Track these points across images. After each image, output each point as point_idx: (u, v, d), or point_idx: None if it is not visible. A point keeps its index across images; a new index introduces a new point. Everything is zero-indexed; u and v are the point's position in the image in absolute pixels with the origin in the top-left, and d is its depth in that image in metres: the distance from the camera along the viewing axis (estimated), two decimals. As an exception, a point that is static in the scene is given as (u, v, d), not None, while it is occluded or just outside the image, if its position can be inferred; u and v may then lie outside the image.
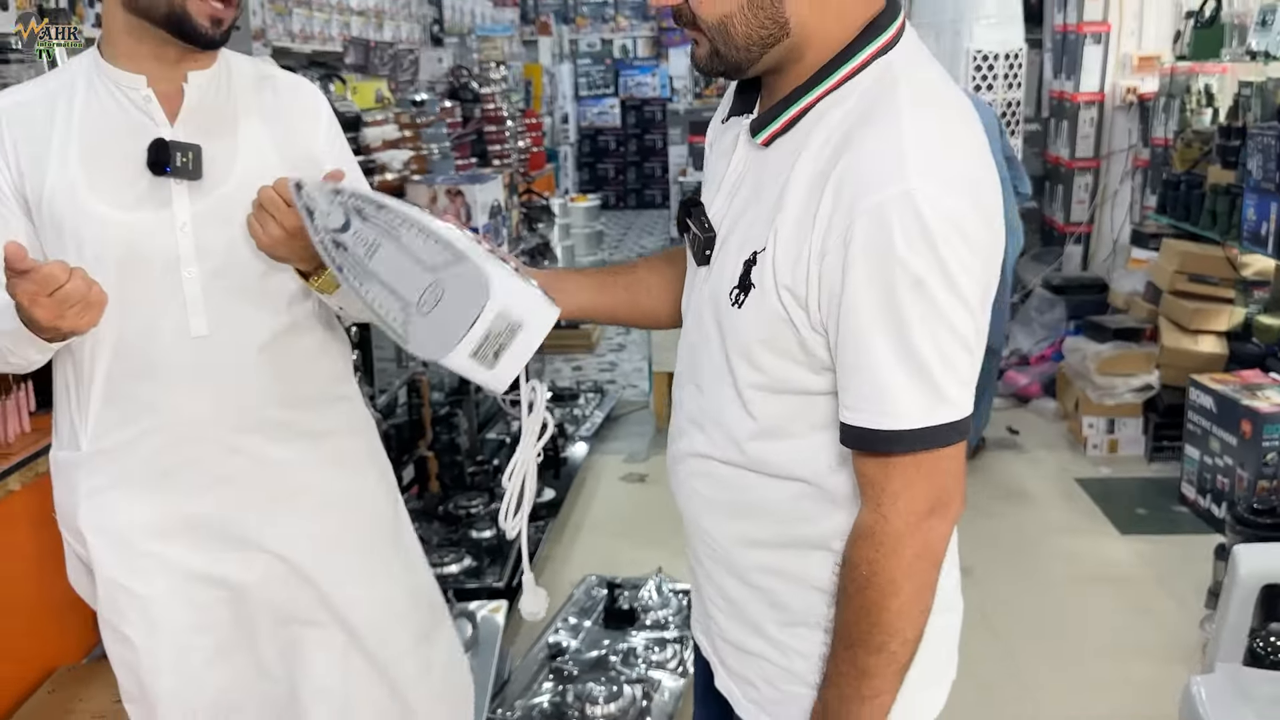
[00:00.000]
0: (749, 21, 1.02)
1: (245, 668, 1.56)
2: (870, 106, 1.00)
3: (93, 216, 1.38)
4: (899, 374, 0.97)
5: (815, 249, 0.99)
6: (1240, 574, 1.87)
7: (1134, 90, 5.25)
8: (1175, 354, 4.00)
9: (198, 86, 1.42)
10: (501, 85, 6.27)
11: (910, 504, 1.01)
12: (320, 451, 1.55)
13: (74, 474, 1.49)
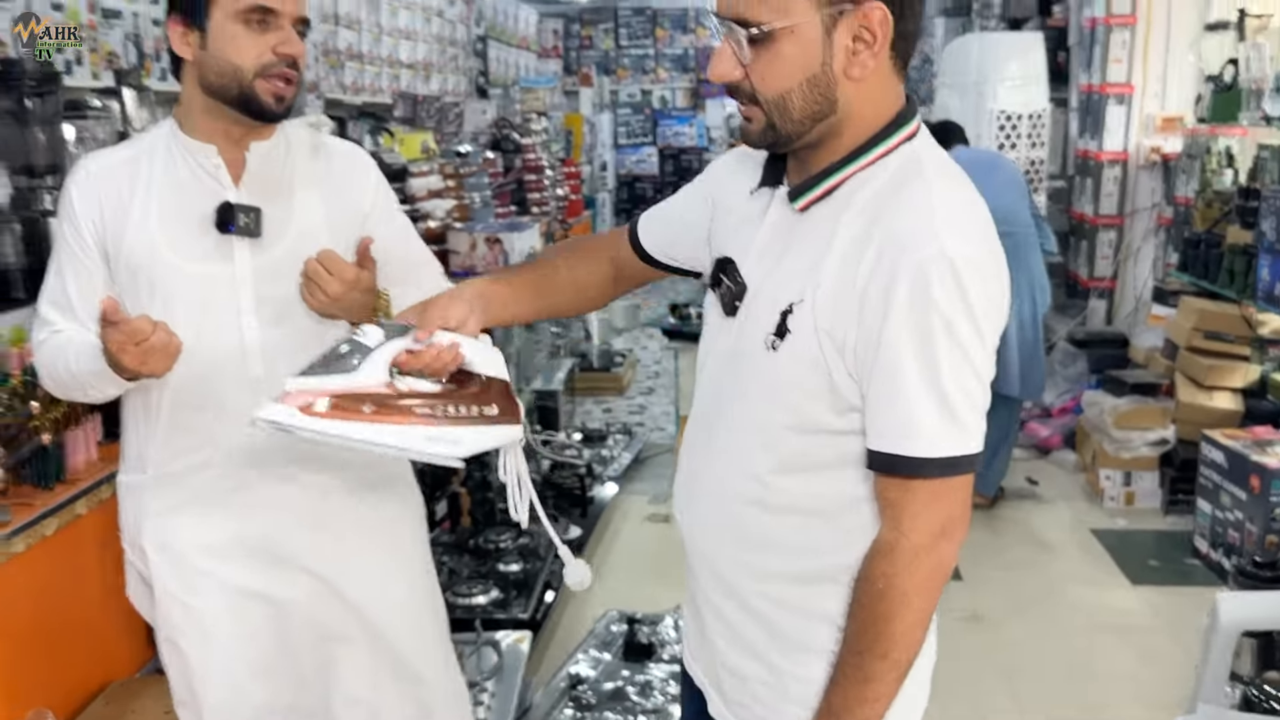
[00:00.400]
0: (806, 97, 1.13)
1: (286, 679, 1.72)
2: (902, 182, 1.15)
3: (166, 266, 1.57)
4: (929, 407, 1.11)
5: (857, 298, 1.12)
6: (1221, 620, 1.97)
7: (1158, 150, 5.36)
8: (1191, 409, 4.08)
9: (259, 155, 1.62)
10: (542, 136, 6.51)
11: (928, 525, 1.13)
12: (358, 478, 1.71)
13: (140, 496, 1.67)
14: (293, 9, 1.55)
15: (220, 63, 1.53)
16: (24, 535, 2.04)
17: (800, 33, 1.11)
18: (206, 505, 1.65)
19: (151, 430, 1.65)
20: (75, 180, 1.62)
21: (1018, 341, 4.01)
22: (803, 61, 1.12)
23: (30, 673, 2.07)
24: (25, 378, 2.20)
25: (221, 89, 1.55)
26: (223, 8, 1.52)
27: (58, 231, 1.66)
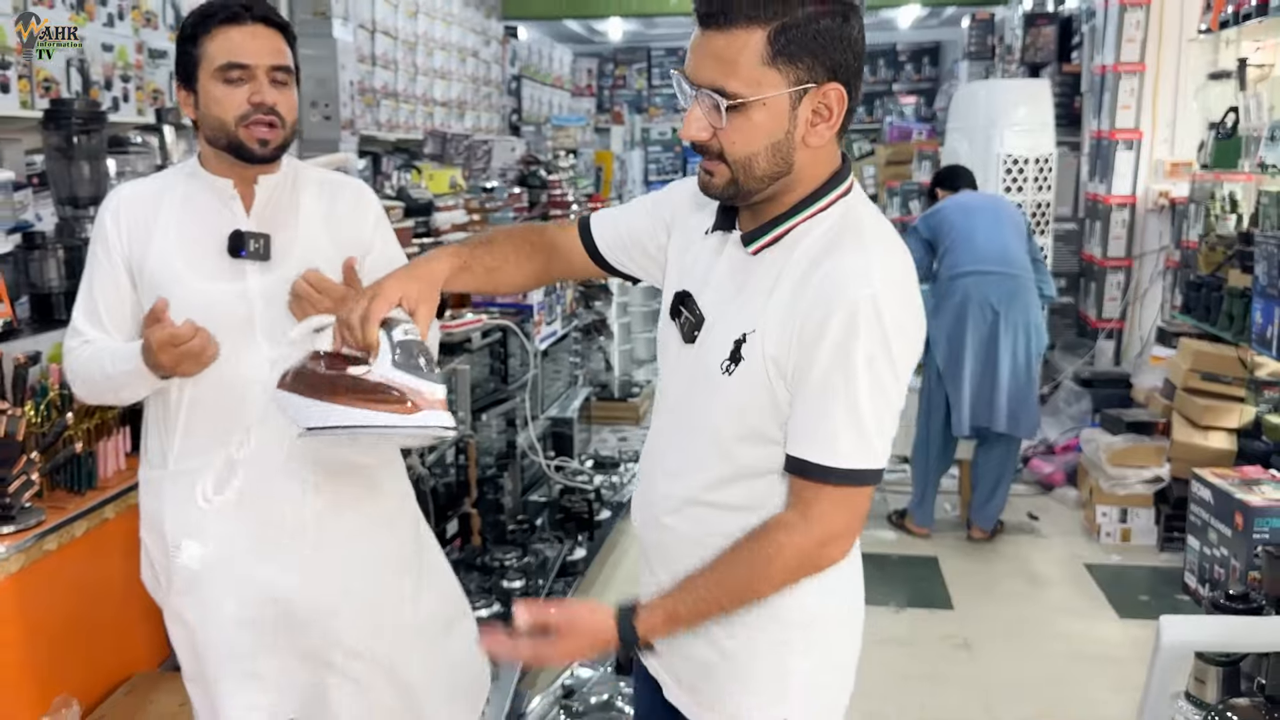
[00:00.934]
0: (769, 160, 1.29)
1: (283, 662, 1.89)
2: (841, 232, 1.33)
3: (184, 284, 1.77)
4: (846, 425, 1.28)
5: (797, 329, 1.28)
6: (1164, 642, 2.08)
7: (1166, 194, 5.47)
8: (1185, 448, 4.17)
9: (266, 188, 1.83)
10: (569, 173, 6.72)
11: (827, 527, 1.31)
12: (358, 482, 1.90)
13: (160, 488, 1.88)
14: (266, 60, 1.74)
15: (209, 118, 1.76)
16: (56, 535, 2.23)
17: (771, 105, 1.26)
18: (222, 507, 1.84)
19: (170, 430, 1.85)
20: (108, 206, 1.84)
21: (1009, 381, 4.13)
22: (770, 129, 1.27)
23: (58, 663, 2.25)
24: (62, 391, 2.40)
25: (215, 139, 1.77)
26: (205, 71, 1.74)
27: (91, 251, 1.88)
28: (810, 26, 1.24)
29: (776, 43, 1.23)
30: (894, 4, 9.38)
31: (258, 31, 1.74)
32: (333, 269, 1.78)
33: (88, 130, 2.94)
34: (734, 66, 1.24)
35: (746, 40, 1.23)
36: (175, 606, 1.90)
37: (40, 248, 2.82)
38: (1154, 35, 5.43)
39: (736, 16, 1.23)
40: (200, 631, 1.87)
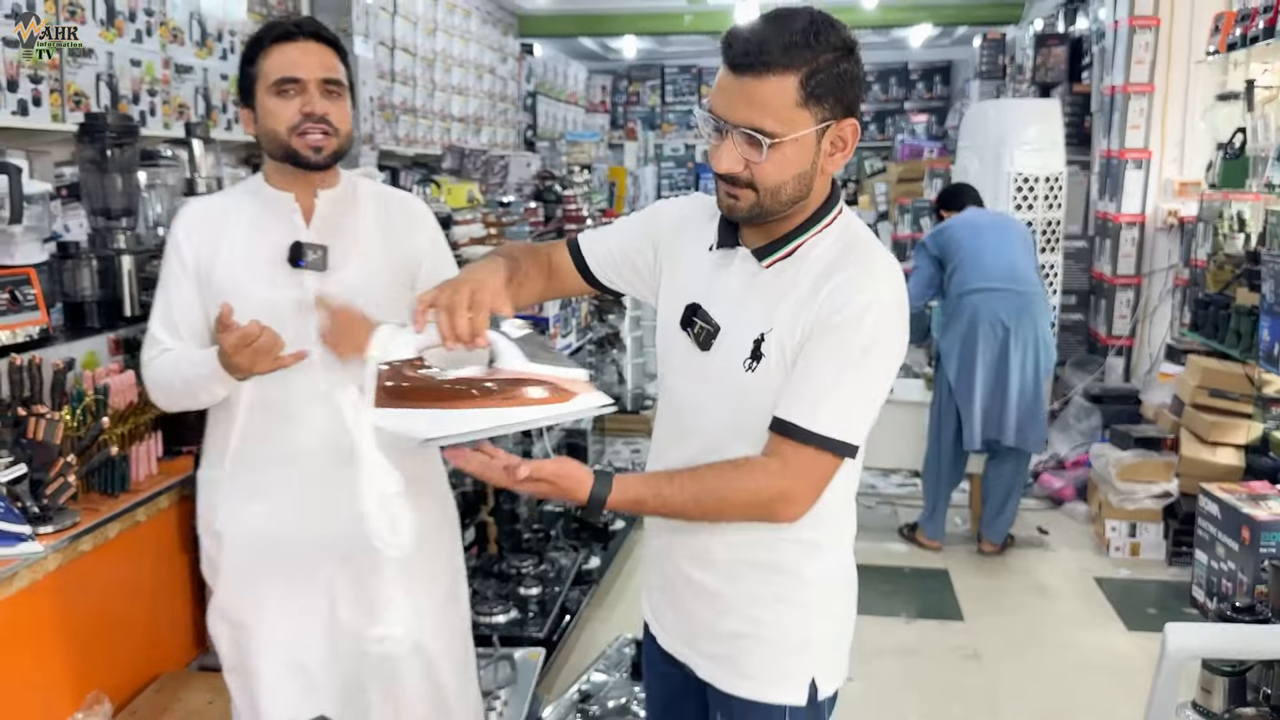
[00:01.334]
0: (795, 187, 1.44)
1: (324, 658, 1.96)
2: (846, 247, 1.49)
3: (245, 292, 1.86)
4: (830, 398, 1.44)
5: (808, 324, 1.44)
6: (1169, 649, 2.13)
7: (1175, 213, 5.52)
8: (1193, 464, 4.21)
9: (325, 201, 1.92)
10: (584, 188, 6.81)
11: (795, 483, 1.44)
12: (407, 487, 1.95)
13: (216, 488, 1.98)
14: (317, 74, 1.85)
15: (266, 131, 1.87)
16: (90, 536, 2.29)
17: (801, 141, 1.40)
18: (273, 499, 1.93)
19: (230, 433, 1.94)
20: (179, 221, 1.95)
21: (1019, 396, 4.18)
22: (798, 162, 1.42)
23: (91, 660, 2.32)
24: (97, 396, 2.47)
25: (272, 151, 1.88)
26: (262, 87, 1.85)
27: (164, 263, 1.97)
28: (832, 70, 1.38)
29: (806, 87, 1.37)
30: (906, 23, 9.47)
31: (309, 48, 1.84)
32: (386, 280, 1.87)
33: (121, 144, 3.02)
34: (770, 109, 1.37)
35: (780, 86, 1.36)
36: (222, 600, 1.97)
37: (74, 257, 2.90)
38: (1163, 57, 5.49)
39: (774, 65, 1.36)
40: (245, 627, 1.94)
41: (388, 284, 1.90)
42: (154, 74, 4.13)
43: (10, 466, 2.26)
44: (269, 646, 1.94)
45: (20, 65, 3.41)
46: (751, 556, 1.55)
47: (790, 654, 1.56)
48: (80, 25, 3.68)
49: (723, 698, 1.59)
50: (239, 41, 4.78)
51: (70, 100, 3.68)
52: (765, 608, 1.55)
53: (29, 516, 2.19)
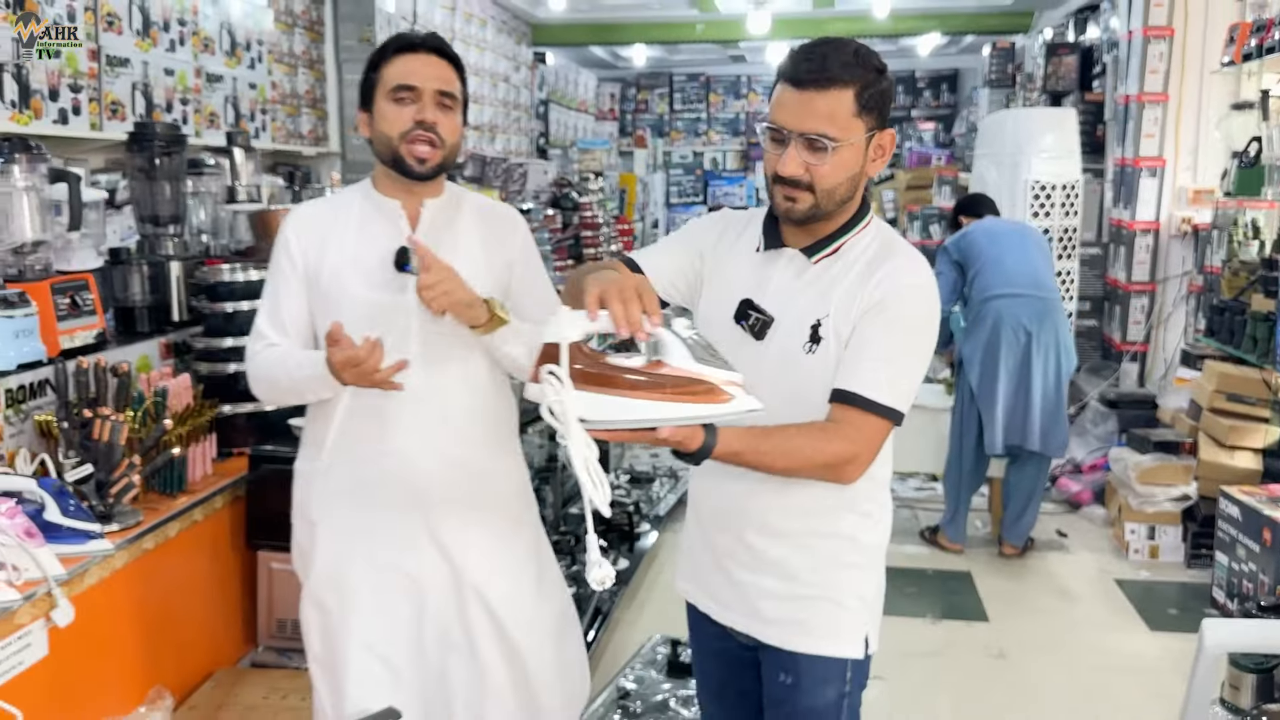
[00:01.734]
0: (847, 188, 1.65)
1: (410, 648, 2.02)
2: (886, 242, 1.70)
3: (351, 294, 1.93)
4: (888, 371, 1.61)
5: (860, 308, 1.63)
6: (1206, 643, 2.19)
7: (1189, 221, 5.59)
8: (1212, 467, 4.27)
9: (431, 209, 1.99)
10: (598, 195, 6.87)
11: (860, 447, 1.60)
12: (491, 484, 2.05)
13: (312, 479, 2.04)
14: (433, 85, 1.93)
15: (379, 135, 1.94)
16: (153, 535, 2.36)
17: (855, 146, 1.62)
18: (364, 490, 1.99)
19: (328, 428, 2.00)
20: (290, 223, 2.02)
21: (1040, 401, 4.24)
22: (851, 164, 1.63)
23: (153, 656, 2.38)
24: (156, 399, 2.54)
25: (382, 155, 1.95)
26: (380, 92, 1.93)
27: (274, 263, 2.04)
28: (878, 86, 1.62)
29: (861, 99, 1.60)
30: (915, 32, 9.55)
31: (429, 60, 1.93)
32: (485, 286, 1.94)
33: (169, 152, 3.09)
34: (834, 118, 1.59)
35: (840, 97, 1.59)
36: (314, 590, 2.04)
37: (125, 263, 2.97)
38: (1176, 67, 5.56)
39: (835, 80, 1.59)
40: (336, 615, 2.00)
41: (486, 290, 1.96)
42: (186, 83, 4.20)
43: (77, 466, 2.33)
44: (357, 634, 2.00)
45: (61, 75, 3.47)
46: (820, 527, 1.71)
47: (850, 612, 1.73)
48: (118, 35, 3.75)
49: (788, 657, 1.72)
50: (266, 51, 4.85)
51: (108, 109, 3.75)
52: (832, 572, 1.72)
53: (95, 515, 2.25)
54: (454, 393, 1.99)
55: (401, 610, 2.01)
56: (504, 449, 2.11)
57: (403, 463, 1.97)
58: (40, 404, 2.46)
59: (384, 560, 2.00)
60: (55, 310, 2.55)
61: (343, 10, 5.72)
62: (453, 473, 2.00)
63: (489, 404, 2.05)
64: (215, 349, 2.82)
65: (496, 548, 2.05)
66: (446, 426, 1.99)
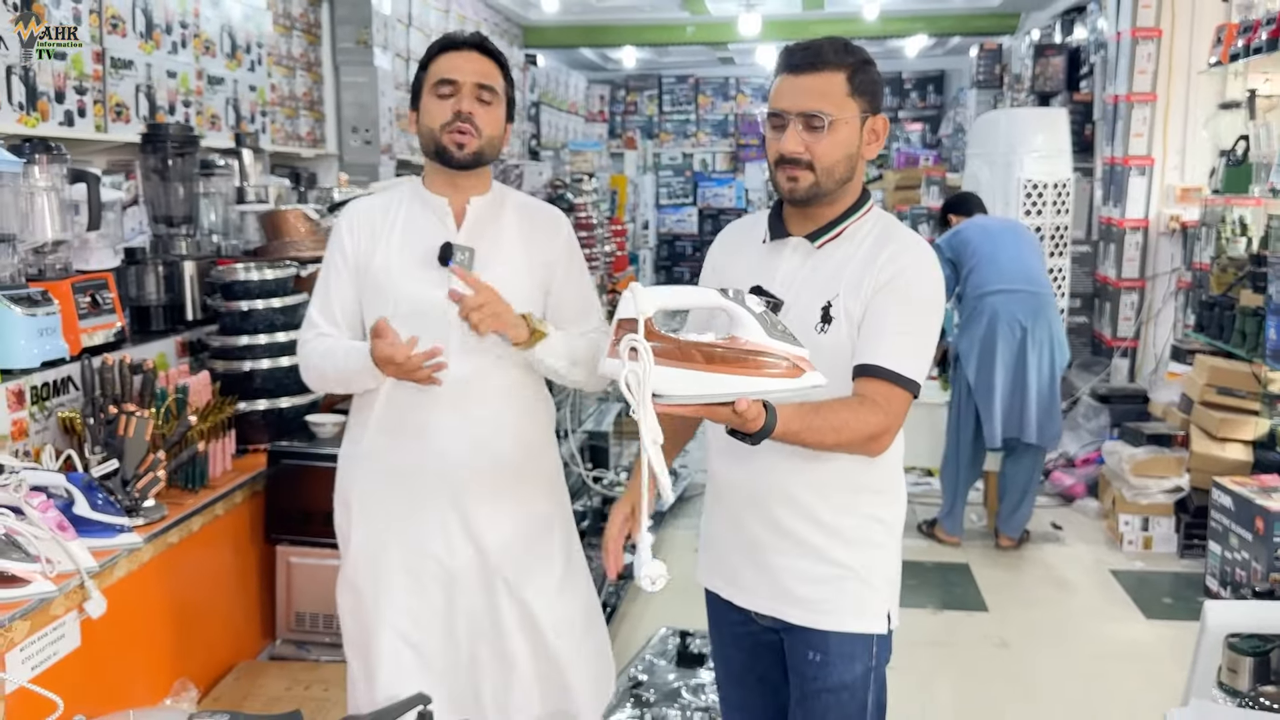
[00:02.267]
0: (845, 167, 1.74)
1: (441, 635, 2.07)
2: (887, 226, 1.79)
3: (397, 286, 1.99)
4: (903, 344, 1.70)
5: (870, 287, 1.71)
6: (1209, 623, 2.26)
7: (1177, 218, 5.69)
8: (1204, 459, 4.36)
9: (476, 206, 2.04)
10: (592, 196, 6.92)
11: (889, 418, 1.67)
12: (524, 479, 2.09)
13: (353, 465, 2.10)
14: (472, 78, 1.98)
15: (424, 129, 2.01)
16: (177, 529, 2.39)
17: (850, 124, 1.73)
18: (403, 478, 2.04)
19: (369, 416, 2.06)
20: (344, 217, 2.09)
21: (1036, 394, 4.32)
22: (848, 142, 1.73)
23: (178, 648, 2.41)
24: (178, 396, 2.57)
25: (426, 147, 2.02)
26: (426, 88, 2.00)
27: (328, 256, 2.11)
28: (867, 73, 1.74)
29: (853, 81, 1.72)
30: (903, 34, 9.65)
31: (471, 56, 1.99)
32: (527, 283, 2.01)
33: (183, 153, 3.13)
34: (828, 97, 1.71)
35: (833, 79, 1.72)
36: (348, 573, 2.08)
37: (140, 263, 3.01)
38: (1164, 67, 5.66)
39: (828, 63, 1.72)
40: (369, 599, 2.05)
41: (529, 287, 2.02)
42: (189, 85, 4.22)
43: (103, 462, 2.36)
44: (388, 619, 2.05)
45: (66, 77, 3.50)
46: (843, 503, 1.78)
47: (875, 590, 1.79)
48: (122, 38, 3.77)
49: (817, 636, 1.79)
50: (265, 54, 4.88)
51: (112, 111, 3.77)
52: (859, 551, 1.78)
53: (122, 509, 2.28)
54: (491, 385, 2.03)
55: (433, 598, 2.06)
56: (539, 441, 2.15)
57: (439, 452, 2.02)
58: (63, 401, 2.49)
59: (417, 547, 2.05)
60: (76, 309, 2.58)
61: (339, 13, 5.75)
62: (487, 463, 2.04)
63: (525, 397, 2.10)
64: (231, 347, 2.86)
65: (528, 539, 2.10)
66: (483, 417, 2.03)
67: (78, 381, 2.52)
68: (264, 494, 2.74)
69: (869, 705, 1.81)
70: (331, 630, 2.72)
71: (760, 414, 1.49)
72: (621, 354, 1.39)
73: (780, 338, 1.45)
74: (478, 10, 7.77)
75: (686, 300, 1.59)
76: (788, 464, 1.73)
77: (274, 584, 2.76)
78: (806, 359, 1.47)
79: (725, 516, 1.88)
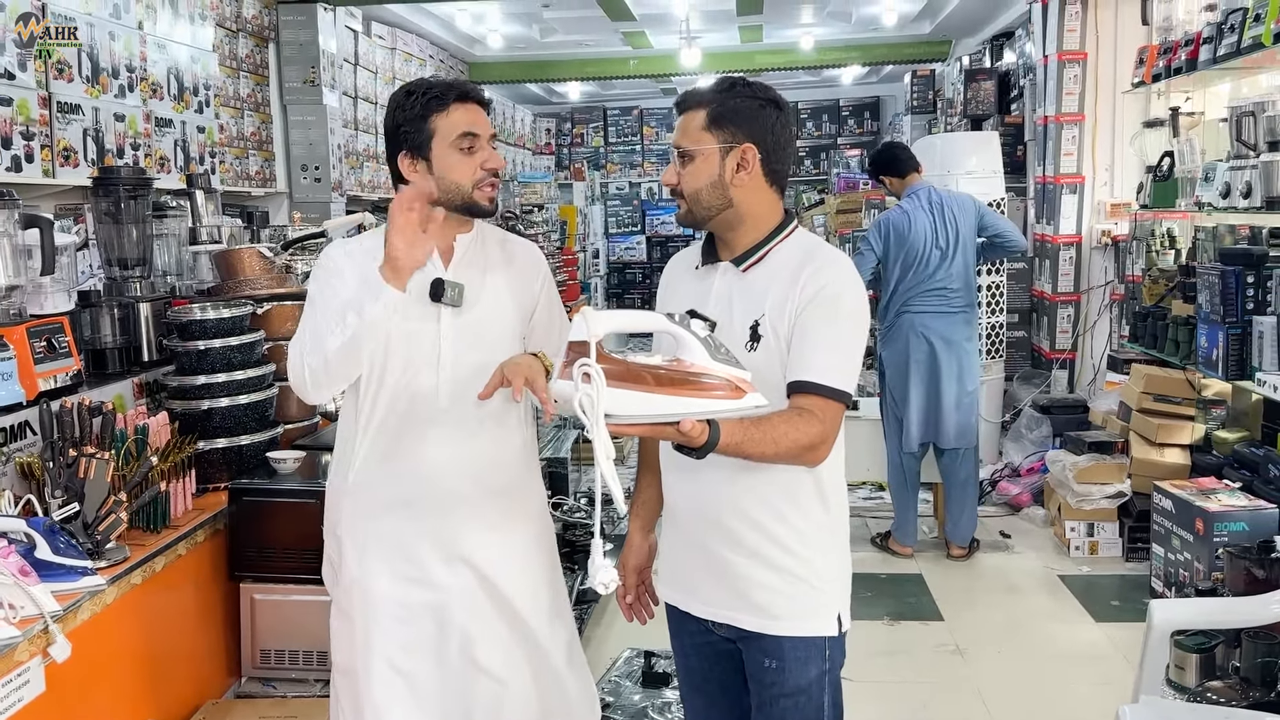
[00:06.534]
0: (710, 194, 1.86)
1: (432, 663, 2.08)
2: (808, 250, 1.87)
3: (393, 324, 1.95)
4: (833, 359, 1.78)
5: (795, 307, 1.80)
6: (1155, 621, 2.36)
7: (1108, 233, 5.89)
8: (1144, 465, 4.51)
9: (462, 245, 2.08)
10: (543, 227, 6.99)
11: (825, 429, 1.75)
12: (513, 503, 2.13)
13: (341, 497, 2.11)
14: (487, 131, 2.04)
15: (446, 183, 2.00)
16: (140, 570, 2.40)
17: (708, 156, 1.85)
18: (391, 508, 2.06)
19: (357, 447, 2.08)
20: (336, 248, 2.11)
21: (951, 400, 4.56)
22: (707, 172, 1.85)
23: (144, 689, 2.41)
24: (137, 437, 2.58)
25: (448, 200, 2.00)
26: (441, 141, 1.99)
27: (321, 286, 2.04)
28: (730, 105, 1.85)
29: (710, 116, 1.85)
30: (839, 63, 9.88)
31: (479, 109, 2.04)
32: (512, 314, 2.06)
33: (135, 196, 3.15)
34: (687, 133, 1.87)
35: (694, 116, 1.87)
36: (340, 602, 2.11)
37: (95, 306, 3.01)
38: (1091, 88, 5.88)
39: (691, 104, 1.88)
40: (360, 627, 2.07)
41: (515, 319, 2.08)
42: (136, 128, 4.23)
43: (63, 506, 2.36)
44: (379, 647, 2.06)
45: (13, 123, 3.50)
46: (792, 517, 1.85)
47: (824, 593, 1.87)
48: (68, 83, 3.78)
49: (771, 642, 1.85)
50: (213, 95, 4.90)
51: (60, 155, 3.77)
52: (807, 556, 1.86)
53: (85, 552, 2.29)
54: (479, 413, 2.05)
55: (425, 625, 2.08)
56: (526, 468, 2.19)
57: (428, 479, 2.05)
58: (20, 446, 2.50)
59: (409, 575, 2.07)
60: (32, 353, 2.58)
61: (286, 54, 5.79)
62: (477, 489, 2.07)
63: (510, 424, 2.14)
64: (189, 386, 2.87)
65: (519, 566, 2.13)
66: (471, 445, 2.07)
67: (35, 426, 2.52)
68: (226, 531, 2.75)
69: (825, 707, 1.88)
70: (297, 665, 2.74)
71: (704, 430, 1.58)
72: (574, 377, 1.45)
73: (723, 360, 1.55)
74: (424, 48, 7.84)
75: (635, 324, 1.66)
76: (734, 476, 1.81)
77: (238, 621, 2.77)
78: (748, 380, 1.56)
79: (679, 530, 1.95)
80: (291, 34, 5.78)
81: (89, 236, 3.27)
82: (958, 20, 8.26)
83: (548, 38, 9.02)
